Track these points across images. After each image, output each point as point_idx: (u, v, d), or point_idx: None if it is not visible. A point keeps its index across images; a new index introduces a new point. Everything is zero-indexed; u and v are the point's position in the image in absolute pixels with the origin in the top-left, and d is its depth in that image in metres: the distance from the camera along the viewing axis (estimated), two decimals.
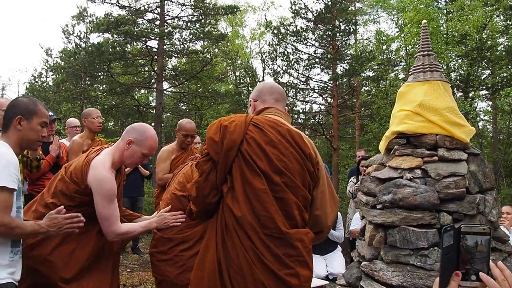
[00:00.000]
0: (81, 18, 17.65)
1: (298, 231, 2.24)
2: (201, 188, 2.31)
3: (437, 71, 4.35)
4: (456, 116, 4.18)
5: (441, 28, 12.40)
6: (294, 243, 2.20)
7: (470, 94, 13.38)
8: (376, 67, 17.75)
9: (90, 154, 2.84)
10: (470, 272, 1.14)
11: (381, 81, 16.36)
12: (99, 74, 17.76)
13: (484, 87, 14.43)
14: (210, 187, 2.29)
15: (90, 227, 2.76)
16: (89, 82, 17.66)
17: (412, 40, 12.66)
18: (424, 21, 4.63)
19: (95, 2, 16.43)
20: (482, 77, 13.76)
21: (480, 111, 16.59)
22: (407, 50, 16.12)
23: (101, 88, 19.48)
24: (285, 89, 17.11)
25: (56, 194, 2.72)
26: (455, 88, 13.32)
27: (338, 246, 6.51)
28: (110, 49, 15.29)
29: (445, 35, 12.22)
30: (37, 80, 22.64)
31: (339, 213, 6.66)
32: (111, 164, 2.78)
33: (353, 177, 7.67)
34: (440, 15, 13.29)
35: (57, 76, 18.43)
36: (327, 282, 5.13)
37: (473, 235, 1.14)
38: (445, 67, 12.12)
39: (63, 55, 18.22)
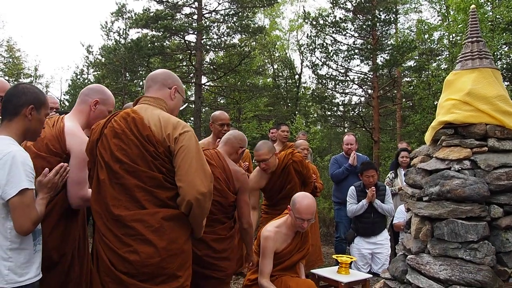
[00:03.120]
0: (120, 14, 17.85)
1: (138, 213, 2.43)
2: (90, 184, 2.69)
3: (486, 58, 4.16)
4: (507, 104, 3.98)
5: (487, 15, 11.95)
6: (129, 224, 2.41)
7: None
8: (417, 57, 17.33)
9: (56, 124, 2.87)
10: None
11: (423, 72, 15.95)
12: (139, 69, 18.00)
13: None
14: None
15: None
16: (129, 78, 17.91)
17: (457, 28, 12.26)
18: (473, 6, 4.43)
19: None
20: None
21: None
22: (450, 39, 15.66)
23: (141, 83, 19.74)
24: (324, 81, 17.00)
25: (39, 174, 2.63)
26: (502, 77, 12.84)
27: (386, 233, 6.25)
28: (149, 44, 15.48)
29: (490, 23, 11.78)
30: (79, 77, 23.17)
31: (387, 186, 6.37)
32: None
33: (391, 172, 7.29)
34: (487, 2, 12.80)
35: (98, 72, 18.79)
36: (370, 275, 5.04)
37: None
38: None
39: (103, 52, 18.54)
